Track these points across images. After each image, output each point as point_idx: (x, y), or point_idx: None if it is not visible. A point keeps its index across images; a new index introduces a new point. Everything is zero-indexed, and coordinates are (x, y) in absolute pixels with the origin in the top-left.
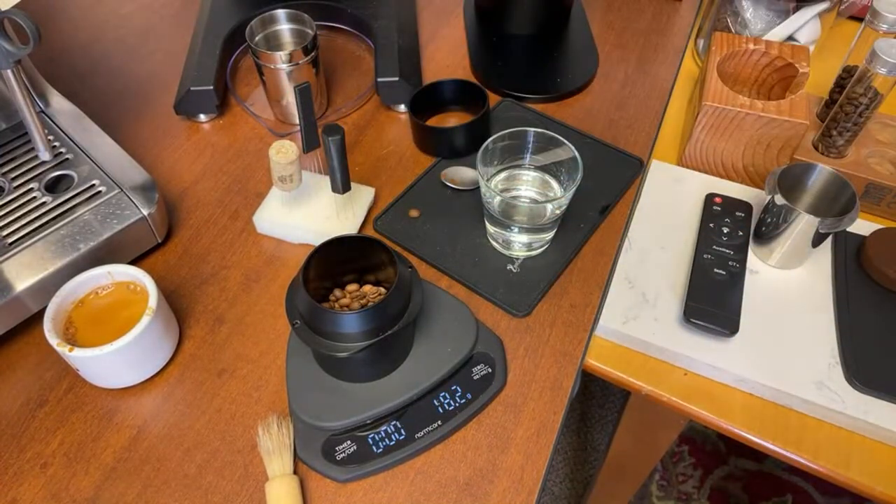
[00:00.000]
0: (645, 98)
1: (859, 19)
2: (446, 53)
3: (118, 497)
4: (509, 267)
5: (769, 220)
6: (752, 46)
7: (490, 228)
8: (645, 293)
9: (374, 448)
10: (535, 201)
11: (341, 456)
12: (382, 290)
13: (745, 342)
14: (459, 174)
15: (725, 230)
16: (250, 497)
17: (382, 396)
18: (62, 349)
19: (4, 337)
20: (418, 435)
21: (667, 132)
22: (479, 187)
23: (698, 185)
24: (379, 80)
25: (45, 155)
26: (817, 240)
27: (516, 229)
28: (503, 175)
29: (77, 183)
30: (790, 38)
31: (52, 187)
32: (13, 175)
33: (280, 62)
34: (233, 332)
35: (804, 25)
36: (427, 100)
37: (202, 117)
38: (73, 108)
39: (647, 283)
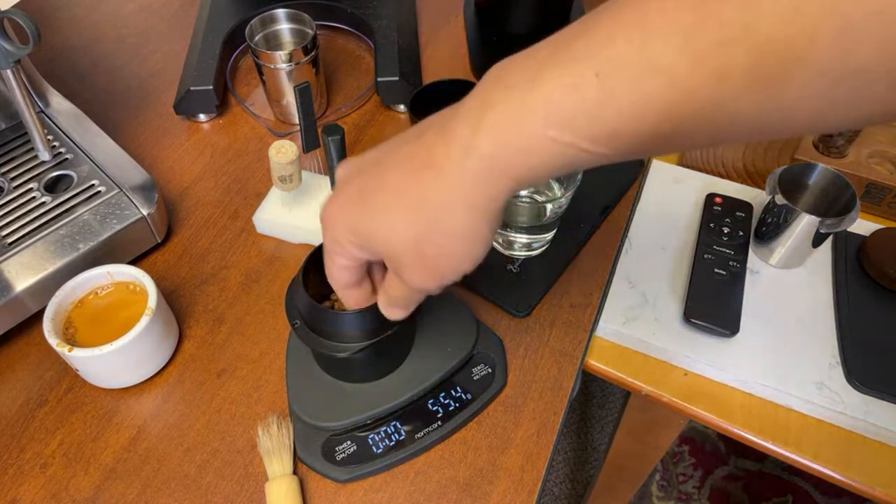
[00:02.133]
0: None
1: None
2: (446, 53)
3: (118, 497)
4: (509, 267)
5: (769, 220)
6: None
7: None
8: (645, 293)
9: (374, 448)
10: (535, 201)
11: (341, 456)
12: None
13: (746, 342)
14: None
15: (726, 230)
16: (250, 497)
17: (382, 396)
18: (62, 349)
19: (4, 337)
20: (418, 435)
21: None
22: None
23: (698, 185)
24: (379, 79)
25: (44, 155)
26: (818, 240)
27: (516, 229)
28: None
29: (77, 183)
30: None
31: (52, 187)
32: (13, 175)
33: (280, 62)
34: (233, 332)
35: None
36: (427, 100)
37: (202, 117)
38: (73, 108)
39: (647, 283)
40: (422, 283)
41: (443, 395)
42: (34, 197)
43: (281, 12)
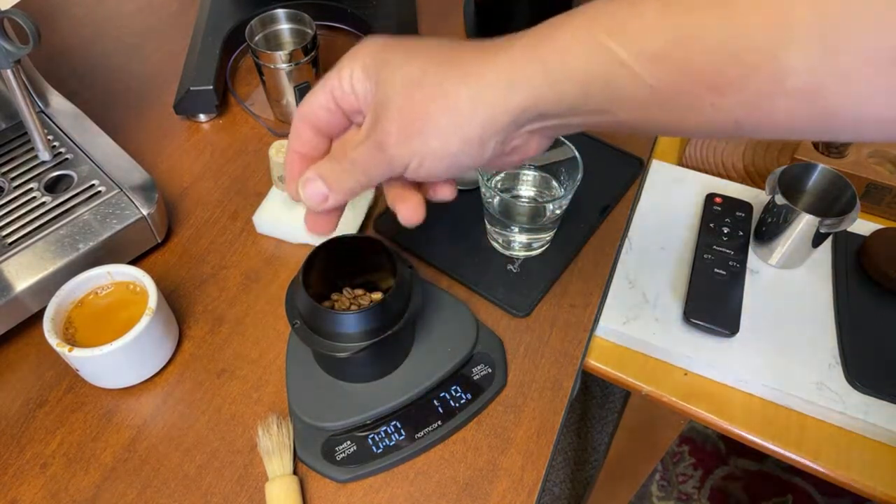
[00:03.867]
0: None
1: None
2: None
3: (118, 497)
4: (509, 267)
5: (769, 220)
6: None
7: (490, 228)
8: (645, 293)
9: (374, 448)
10: (535, 201)
11: (341, 456)
12: (382, 290)
13: (746, 342)
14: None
15: (726, 230)
16: (250, 497)
17: (382, 396)
18: (62, 349)
19: (4, 337)
20: (418, 435)
21: None
22: (479, 187)
23: (698, 185)
24: None
25: (44, 155)
26: (817, 240)
27: (516, 229)
28: (503, 175)
29: (77, 183)
30: None
31: (52, 187)
32: (13, 175)
33: (280, 62)
34: (233, 332)
35: None
36: None
37: (202, 117)
38: (73, 108)
39: (647, 283)
40: (388, 137)
41: (443, 395)
42: (34, 197)
43: (281, 12)
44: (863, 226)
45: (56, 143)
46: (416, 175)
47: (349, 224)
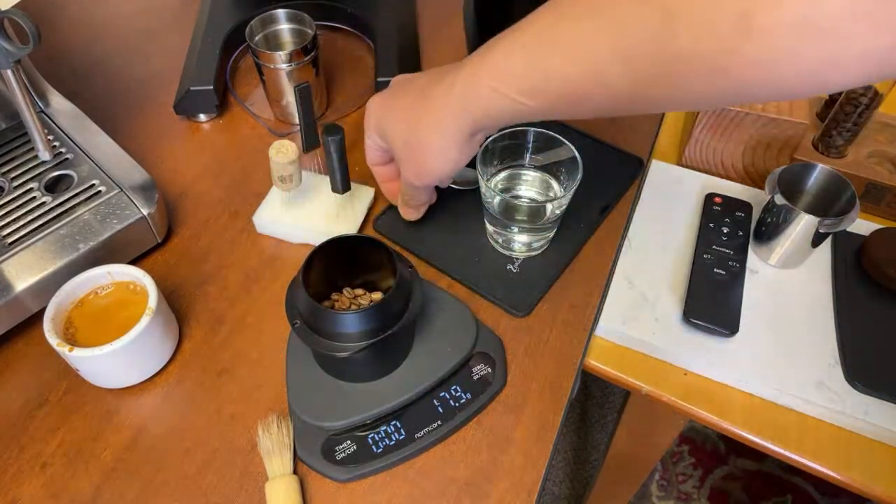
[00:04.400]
0: None
1: None
2: (446, 53)
3: (118, 497)
4: (509, 267)
5: (769, 219)
6: None
7: (490, 228)
8: (645, 293)
9: (374, 448)
10: (535, 201)
11: (341, 456)
12: (382, 290)
13: (745, 342)
14: (459, 174)
15: (725, 230)
16: (250, 497)
17: (382, 396)
18: (62, 349)
19: (4, 337)
20: (418, 435)
21: (667, 132)
22: (479, 187)
23: (698, 185)
24: (379, 79)
25: (44, 155)
26: (817, 240)
27: (516, 229)
28: (503, 175)
29: (77, 183)
30: None
31: (52, 187)
32: (13, 175)
33: (280, 62)
34: (233, 332)
35: None
36: None
37: (202, 117)
38: (73, 108)
39: (647, 283)
40: (408, 176)
41: (442, 394)
42: (34, 197)
43: (281, 12)
44: (863, 226)
45: (56, 143)
46: (440, 184)
47: (349, 224)
